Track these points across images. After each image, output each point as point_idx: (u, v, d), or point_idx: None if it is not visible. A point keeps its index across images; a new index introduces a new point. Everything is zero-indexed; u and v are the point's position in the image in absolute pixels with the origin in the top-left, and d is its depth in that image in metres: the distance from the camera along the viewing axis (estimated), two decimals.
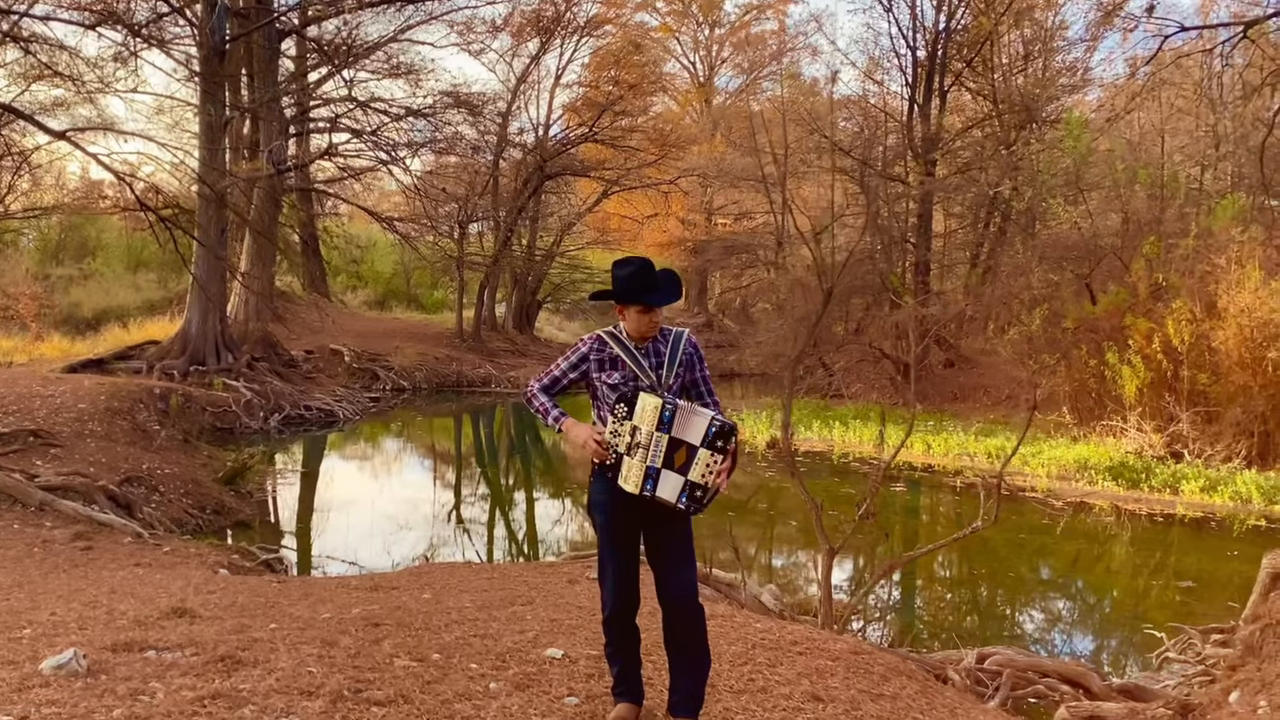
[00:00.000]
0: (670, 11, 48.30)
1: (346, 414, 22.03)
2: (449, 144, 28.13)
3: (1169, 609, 9.96)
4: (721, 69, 49.30)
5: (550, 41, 32.30)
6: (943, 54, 27.49)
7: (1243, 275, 17.56)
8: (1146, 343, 18.37)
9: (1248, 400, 17.30)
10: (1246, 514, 14.26)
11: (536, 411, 4.45)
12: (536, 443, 22.61)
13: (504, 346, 30.77)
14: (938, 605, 10.65)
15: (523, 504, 16.83)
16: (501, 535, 14.21)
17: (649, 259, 4.46)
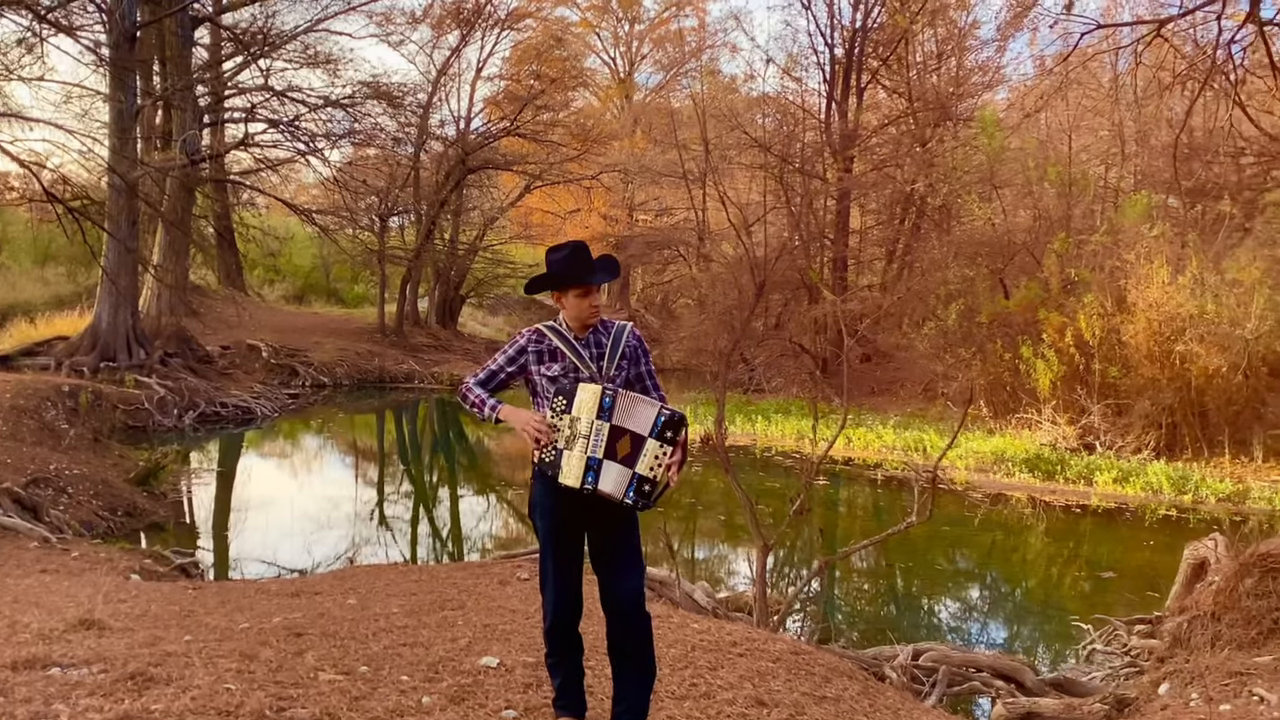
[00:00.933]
0: (590, 7, 47.98)
1: (264, 411, 21.38)
2: (369, 136, 27.53)
3: (1091, 600, 10.00)
4: (642, 65, 49.15)
5: (471, 34, 31.81)
6: (859, 52, 27.62)
7: (1151, 271, 17.84)
8: (1059, 336, 18.60)
9: (1156, 393, 17.59)
10: (1158, 504, 14.47)
11: (472, 406, 4.17)
12: (460, 439, 22.22)
13: (427, 342, 30.21)
14: (860, 598, 10.57)
15: (447, 501, 16.47)
16: (426, 533, 13.87)
17: (583, 242, 4.23)
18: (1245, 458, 16.71)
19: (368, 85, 26.35)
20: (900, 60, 28.63)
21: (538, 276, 4.21)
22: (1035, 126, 30.10)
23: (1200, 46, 16.81)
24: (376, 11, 28.15)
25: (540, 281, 4.20)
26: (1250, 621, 6.18)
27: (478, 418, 4.17)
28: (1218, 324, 17.07)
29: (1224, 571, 6.57)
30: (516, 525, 14.88)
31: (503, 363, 4.19)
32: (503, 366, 4.19)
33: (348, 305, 34.45)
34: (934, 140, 26.19)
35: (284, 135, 24.98)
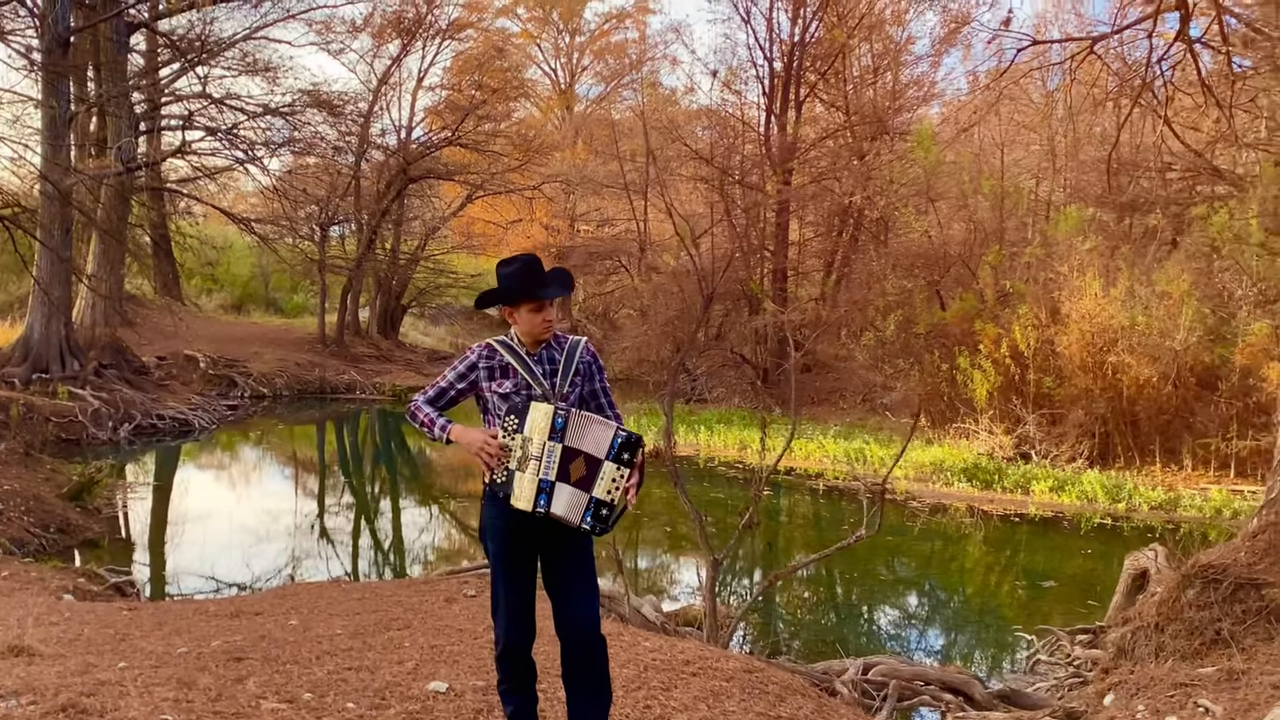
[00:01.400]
0: (531, 18, 47.82)
1: (202, 423, 20.89)
2: (309, 144, 27.08)
3: (1032, 609, 10.03)
4: (582, 76, 49.07)
5: (412, 43, 31.48)
6: (798, 66, 27.71)
7: (1084, 283, 18.06)
8: (995, 347, 18.77)
9: (1089, 403, 17.80)
10: (1093, 512, 14.62)
11: (422, 426, 4.00)
12: (402, 450, 21.92)
13: (368, 352, 29.78)
14: (803, 609, 10.52)
15: (388, 514, 16.21)
16: (367, 547, 13.63)
17: (534, 255, 4.09)
18: (1175, 466, 16.97)
19: (308, 94, 25.94)
20: (838, 74, 28.80)
21: (488, 291, 4.07)
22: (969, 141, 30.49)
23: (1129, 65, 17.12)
24: (316, 20, 27.61)
25: (491, 296, 4.06)
26: (1193, 632, 6.20)
27: (428, 437, 4.01)
28: (1148, 335, 17.33)
29: (1166, 582, 6.60)
30: (459, 538, 14.67)
31: (453, 379, 4.04)
32: (453, 383, 4.03)
33: (287, 315, 33.88)
34: (871, 154, 26.36)
35: (222, 143, 24.51)
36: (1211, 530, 13.68)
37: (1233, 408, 16.83)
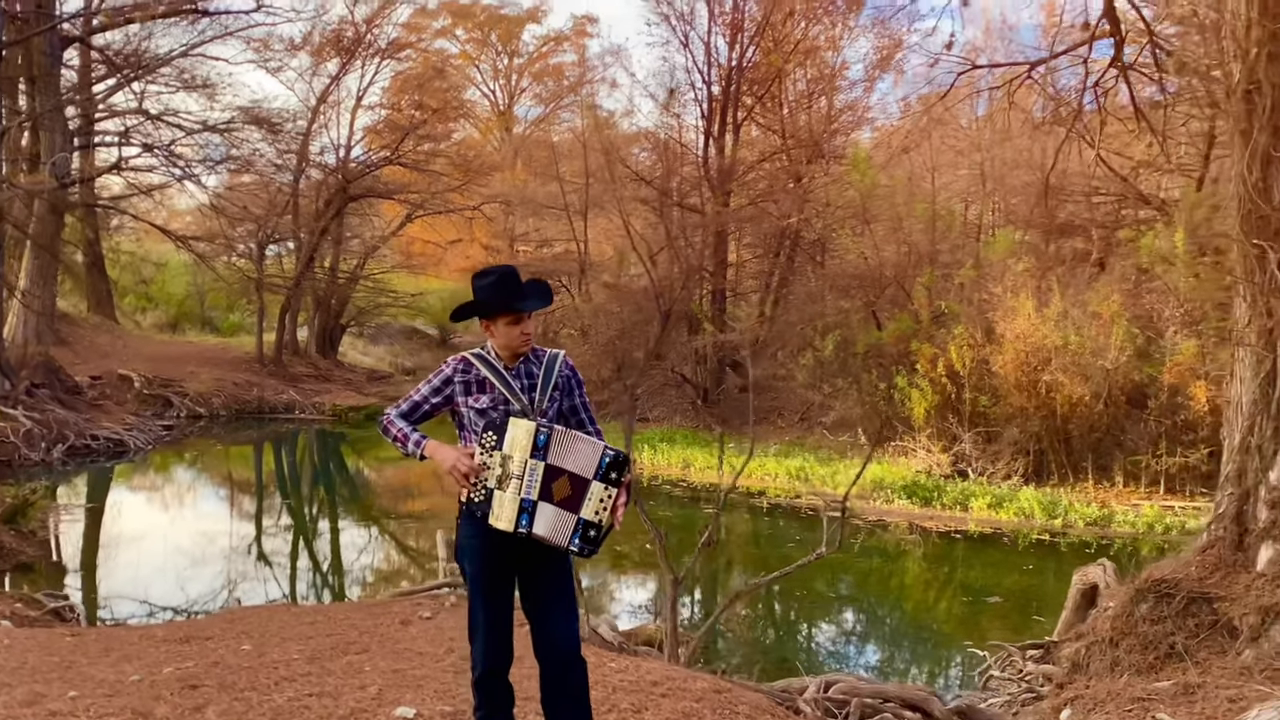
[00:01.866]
0: (470, 40, 47.63)
1: (138, 443, 20.31)
2: (247, 162, 26.61)
3: (979, 625, 10.07)
4: (521, 98, 48.94)
5: (351, 62, 31.15)
6: (735, 89, 27.87)
7: (1017, 304, 18.30)
8: (931, 367, 18.93)
9: (1024, 421, 18.01)
10: (1030, 529, 14.77)
11: (395, 440, 3.85)
12: (341, 471, 21.55)
13: (307, 371, 29.25)
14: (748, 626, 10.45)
15: (327, 536, 15.89)
16: (306, 569, 13.36)
17: (512, 266, 3.97)
18: (1107, 483, 17.20)
19: (246, 111, 25.51)
20: (774, 99, 29.03)
21: (464, 304, 3.93)
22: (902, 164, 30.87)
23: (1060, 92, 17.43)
24: (254, 38, 27.19)
25: (467, 309, 3.92)
26: (1147, 646, 6.23)
27: (400, 452, 3.86)
28: (1080, 355, 17.58)
29: (1118, 597, 6.62)
30: (399, 559, 14.44)
31: (427, 393, 3.89)
32: (427, 397, 3.89)
33: (223, 334, 33.20)
34: (808, 176, 26.57)
35: (159, 159, 23.98)
36: (1145, 545, 13.89)
37: (1162, 425, 17.11)
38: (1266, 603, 5.95)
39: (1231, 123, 6.93)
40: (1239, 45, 6.81)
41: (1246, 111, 6.74)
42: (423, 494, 19.51)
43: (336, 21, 30.32)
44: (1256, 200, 6.50)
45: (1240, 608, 6.01)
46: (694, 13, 28.10)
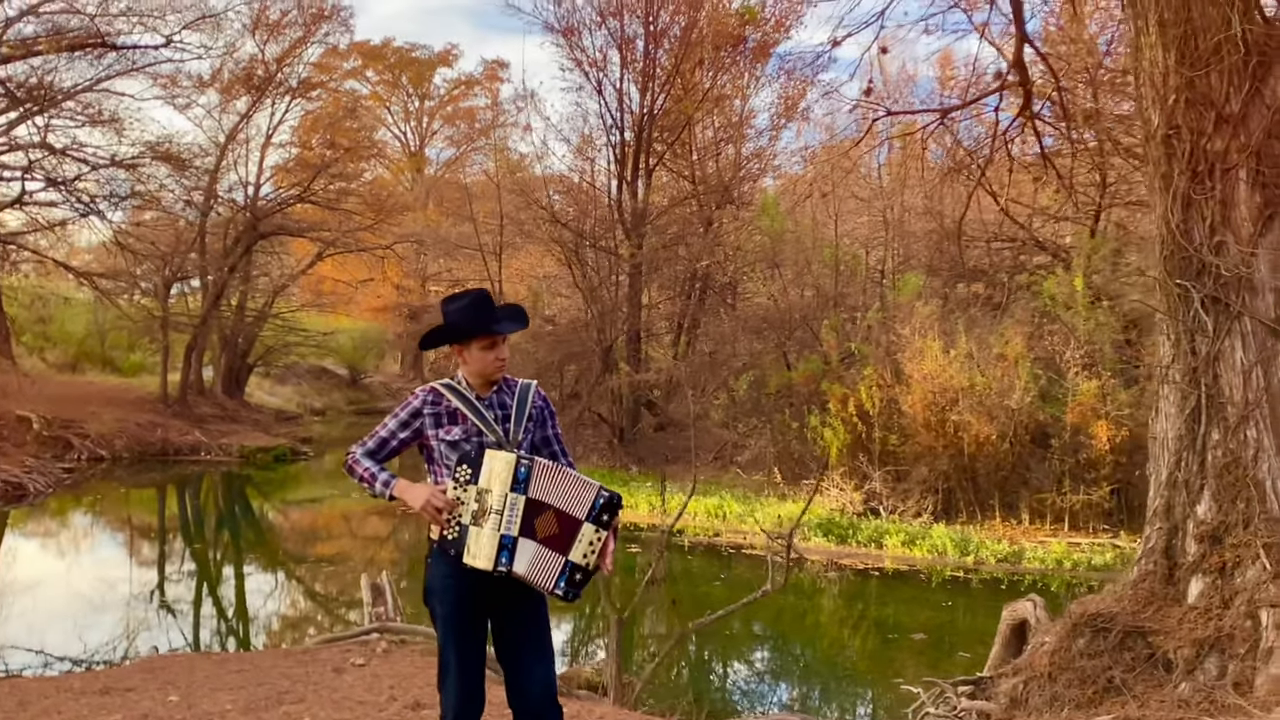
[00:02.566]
0: (381, 81, 47.24)
1: (37, 486, 19.34)
2: (153, 198, 25.80)
3: (906, 662, 10.03)
4: (433, 140, 48.64)
5: (261, 100, 30.53)
6: (647, 135, 28.01)
7: (925, 345, 18.55)
8: (842, 406, 19.07)
9: (933, 459, 18.19)
10: (944, 566, 14.86)
11: (361, 480, 3.58)
12: (248, 513, 20.84)
13: (213, 412, 28.29)
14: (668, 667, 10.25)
15: (234, 581, 15.31)
16: (211, 616, 12.82)
17: (484, 289, 3.78)
18: (1014, 520, 17.44)
19: (153, 147, 24.77)
20: (684, 145, 29.26)
21: (435, 329, 3.71)
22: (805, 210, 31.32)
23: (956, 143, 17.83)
24: (162, 74, 26.48)
25: (439, 335, 3.71)
26: (1086, 681, 6.20)
27: (368, 493, 3.61)
28: (986, 395, 17.86)
29: (1054, 632, 6.60)
30: (307, 604, 13.97)
31: (394, 428, 3.65)
32: (395, 432, 3.65)
33: (125, 374, 31.99)
34: (718, 221, 26.79)
35: (63, 195, 23.10)
36: (1054, 580, 14.07)
37: (1065, 464, 17.42)
38: (1200, 635, 5.97)
39: (1152, 167, 7.06)
40: (1158, 92, 6.95)
41: (1167, 156, 6.86)
42: (332, 537, 18.98)
43: (247, 59, 29.77)
44: (1180, 241, 6.61)
45: (1174, 641, 6.02)
46: (607, 60, 28.27)
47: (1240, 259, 6.52)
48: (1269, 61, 6.70)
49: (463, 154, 46.71)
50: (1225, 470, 6.37)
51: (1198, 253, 6.59)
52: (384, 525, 19.43)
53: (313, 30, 31.18)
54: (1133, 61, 7.40)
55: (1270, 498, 6.26)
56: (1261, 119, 6.66)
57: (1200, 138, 6.70)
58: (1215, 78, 6.73)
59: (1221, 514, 6.32)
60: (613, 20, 28.12)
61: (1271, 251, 6.61)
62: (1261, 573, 6.00)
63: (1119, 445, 16.84)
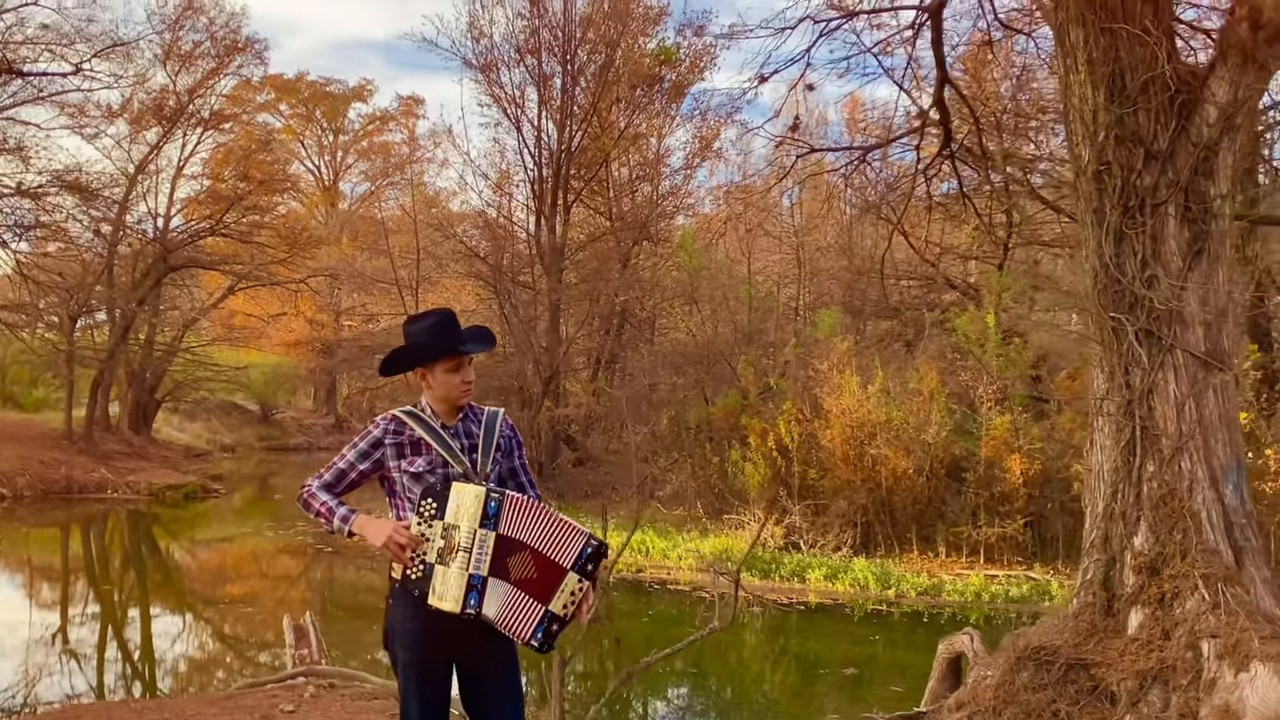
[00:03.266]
0: (294, 115, 46.47)
1: None
2: (59, 228, 24.85)
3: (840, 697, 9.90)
4: (347, 174, 47.94)
5: (172, 131, 29.73)
6: (565, 172, 27.94)
7: (842, 380, 18.62)
8: (762, 441, 19.03)
9: (851, 493, 18.21)
10: (866, 599, 14.82)
11: (318, 515, 3.29)
12: (155, 553, 20.00)
13: (120, 448, 27.18)
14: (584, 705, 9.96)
15: (139, 624, 14.62)
16: (116, 659, 12.19)
17: (448, 309, 3.53)
18: (931, 553, 17.50)
19: (60, 177, 23.88)
20: (602, 182, 29.25)
21: (397, 351, 3.45)
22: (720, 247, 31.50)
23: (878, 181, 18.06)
24: (69, 103, 25.62)
25: (401, 357, 3.44)
26: (1030, 714, 6.11)
27: (325, 529, 3.32)
28: (903, 430, 17.96)
29: (996, 665, 6.50)
30: (219, 647, 13.39)
31: (353, 459, 3.37)
32: (354, 464, 3.37)
33: (27, 410, 30.65)
34: (635, 257, 26.77)
35: None
36: (973, 613, 14.11)
37: (979, 497, 17.55)
38: (1141, 667, 5.92)
39: (1083, 202, 7.10)
40: (1087, 129, 7.01)
41: (1098, 191, 6.91)
42: (242, 577, 18.31)
43: (158, 90, 28.99)
44: (1114, 275, 6.63)
45: (1117, 673, 5.97)
46: (524, 96, 28.18)
47: (1171, 293, 6.56)
48: (1194, 100, 6.80)
49: (378, 189, 46.13)
50: (1161, 502, 6.37)
51: (1130, 286, 6.62)
52: (296, 564, 18.81)
53: (226, 62, 30.56)
54: (1062, 98, 7.46)
55: (1206, 529, 6.27)
56: (1188, 156, 6.74)
57: (1130, 174, 6.76)
58: (1143, 115, 6.80)
59: (1159, 545, 6.30)
60: (530, 58, 28.07)
61: (1200, 285, 6.67)
62: (1201, 603, 5.98)
63: (1032, 479, 17.02)
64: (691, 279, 24.52)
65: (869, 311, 24.28)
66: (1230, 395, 6.70)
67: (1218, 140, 6.73)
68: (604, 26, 28.30)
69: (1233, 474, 6.52)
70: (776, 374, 20.82)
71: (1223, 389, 6.61)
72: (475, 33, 27.49)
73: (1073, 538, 17.04)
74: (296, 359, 39.37)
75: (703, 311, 24.77)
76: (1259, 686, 5.34)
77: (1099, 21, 6.88)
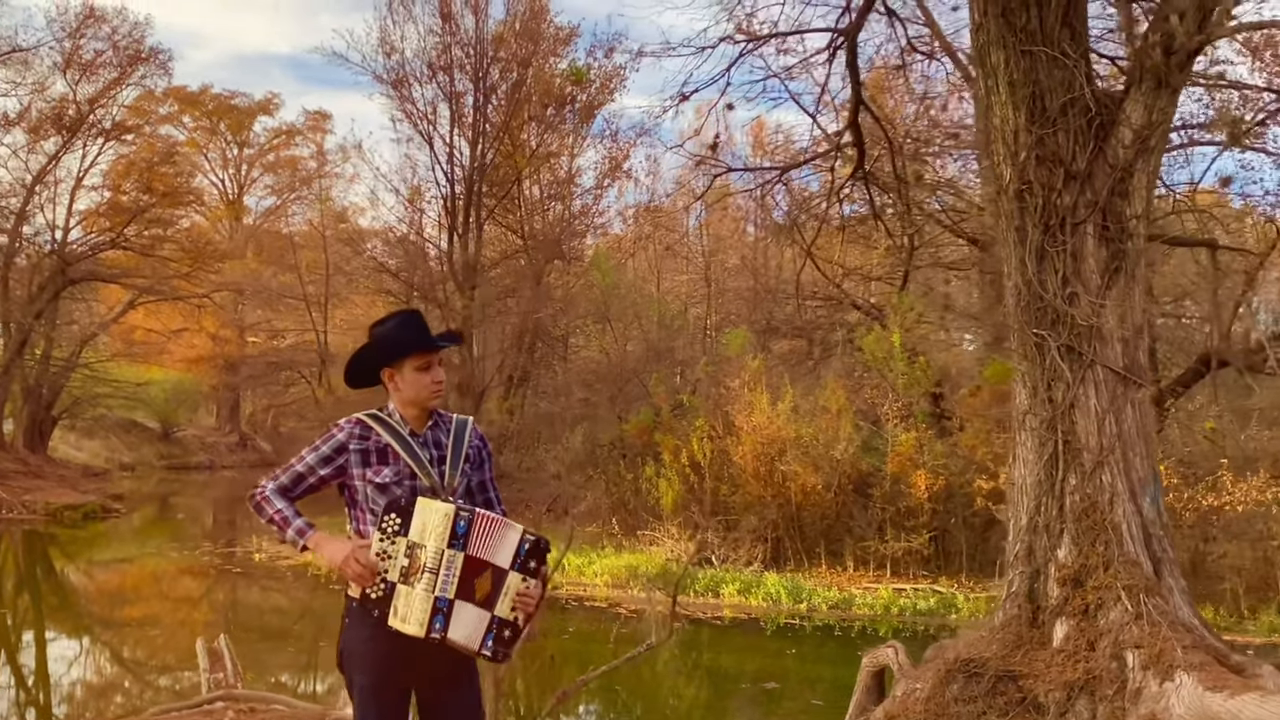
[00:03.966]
0: (198, 128, 45.19)
1: None
2: None
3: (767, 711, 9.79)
4: (253, 188, 46.74)
5: (71, 141, 28.64)
6: (477, 189, 27.66)
7: (754, 398, 18.67)
8: (675, 457, 18.97)
9: (762, 509, 18.23)
10: (779, 613, 14.79)
11: (271, 523, 3.04)
12: (50, 575, 19.08)
13: (15, 467, 25.89)
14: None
15: (34, 649, 13.88)
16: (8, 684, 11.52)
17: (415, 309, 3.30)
18: (840, 568, 17.58)
19: None
20: (514, 200, 29.03)
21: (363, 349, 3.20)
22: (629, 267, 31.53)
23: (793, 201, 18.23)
24: None
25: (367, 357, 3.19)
26: None
27: (277, 538, 3.05)
28: (813, 446, 18.04)
29: (925, 678, 6.45)
30: (117, 671, 12.78)
31: (313, 463, 3.10)
32: (313, 467, 3.10)
33: None
34: (548, 275, 26.60)
35: None
36: (882, 626, 14.17)
37: (886, 512, 17.70)
38: (1069, 678, 5.93)
39: (1004, 221, 7.15)
40: (1009, 149, 7.06)
41: (1020, 210, 6.96)
42: (142, 599, 17.56)
43: (57, 99, 27.92)
44: (1037, 291, 6.68)
45: (1045, 684, 5.96)
46: (436, 113, 27.85)
47: (1091, 309, 6.62)
48: (1110, 122, 6.90)
49: (284, 203, 45.10)
50: (1084, 514, 6.41)
51: (1052, 303, 6.67)
52: (198, 585, 18.11)
53: (128, 72, 29.59)
54: (983, 118, 7.53)
55: (1127, 540, 6.32)
56: (1106, 177, 6.83)
57: (1051, 193, 6.83)
58: (1063, 136, 6.88)
59: (1082, 557, 6.34)
60: (443, 75, 27.77)
61: (1118, 303, 6.76)
62: (1124, 614, 6.02)
63: (936, 494, 17.21)
64: (605, 297, 24.43)
65: (775, 330, 24.44)
66: (1146, 410, 6.80)
67: (1133, 162, 6.84)
68: (516, 45, 28.16)
69: (1150, 487, 6.60)
70: (688, 391, 20.79)
71: (1140, 404, 6.71)
72: (387, 48, 27.13)
73: (975, 551, 17.35)
74: (199, 376, 38.17)
75: (615, 329, 24.69)
76: (1184, 696, 5.37)
77: (1019, 44, 6.95)
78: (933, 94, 15.38)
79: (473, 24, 27.53)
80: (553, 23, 29.24)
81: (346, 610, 3.09)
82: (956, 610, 14.67)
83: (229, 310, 35.25)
